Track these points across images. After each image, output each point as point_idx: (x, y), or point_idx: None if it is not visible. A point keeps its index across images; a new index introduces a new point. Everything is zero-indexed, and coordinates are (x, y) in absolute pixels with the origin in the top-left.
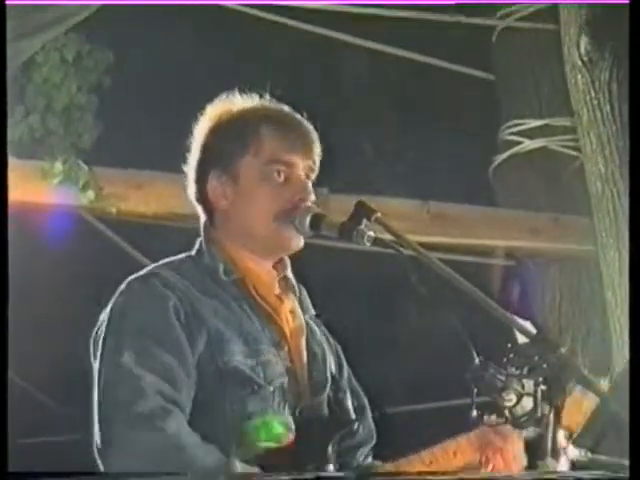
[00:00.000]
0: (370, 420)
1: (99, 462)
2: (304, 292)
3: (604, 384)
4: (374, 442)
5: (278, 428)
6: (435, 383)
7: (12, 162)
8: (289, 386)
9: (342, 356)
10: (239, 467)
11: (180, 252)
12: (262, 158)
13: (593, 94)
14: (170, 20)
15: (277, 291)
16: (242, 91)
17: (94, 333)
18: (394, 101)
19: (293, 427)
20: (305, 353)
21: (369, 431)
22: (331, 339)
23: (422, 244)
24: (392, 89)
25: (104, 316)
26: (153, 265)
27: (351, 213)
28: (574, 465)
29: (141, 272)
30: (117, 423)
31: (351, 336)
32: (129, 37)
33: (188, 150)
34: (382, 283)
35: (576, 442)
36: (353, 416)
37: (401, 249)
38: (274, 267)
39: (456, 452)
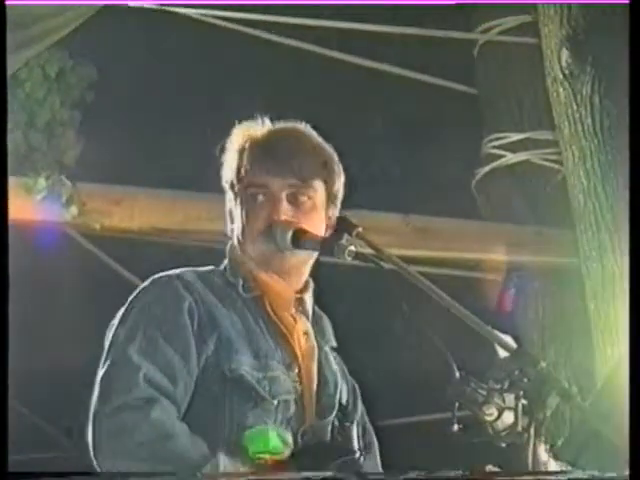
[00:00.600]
0: (377, 458)
1: (89, 444)
2: (327, 322)
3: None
4: None
5: (275, 440)
6: (417, 397)
7: None
8: (295, 406)
9: (358, 393)
10: (226, 462)
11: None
12: (244, 183)
13: (575, 107)
14: (154, 36)
15: (292, 311)
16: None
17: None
18: (376, 115)
19: (291, 442)
20: (315, 377)
21: (374, 468)
22: (349, 377)
23: (404, 258)
24: (374, 103)
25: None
26: (179, 269)
27: (332, 228)
28: None
29: (165, 273)
30: (107, 407)
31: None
32: (112, 53)
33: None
34: (364, 297)
35: (557, 456)
36: (356, 447)
37: (382, 263)
38: (294, 289)
39: None
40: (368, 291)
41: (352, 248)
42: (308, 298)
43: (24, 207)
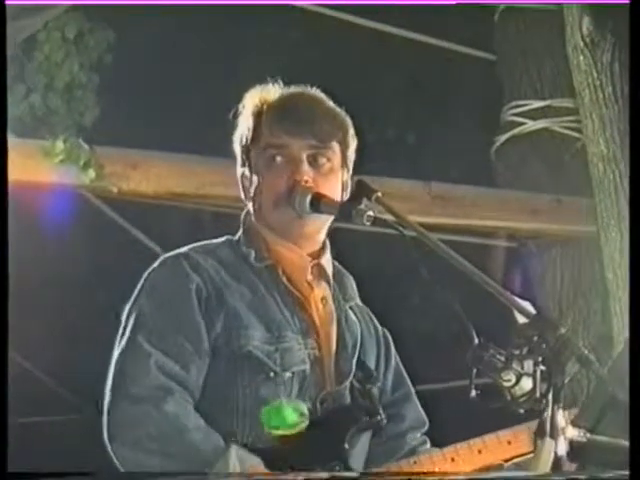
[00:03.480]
0: (418, 407)
1: (104, 431)
2: (350, 280)
3: (604, 364)
4: (426, 428)
5: (292, 415)
6: (435, 364)
7: (13, 141)
8: (312, 374)
9: (391, 343)
10: (239, 454)
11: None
12: (261, 145)
13: (595, 75)
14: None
15: (309, 277)
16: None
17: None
18: (395, 82)
19: (307, 414)
20: (334, 341)
21: (418, 417)
22: (380, 327)
23: (423, 225)
24: (393, 70)
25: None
26: (189, 246)
27: (351, 192)
28: (572, 445)
29: (175, 251)
30: (120, 396)
31: None
32: (130, 15)
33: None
34: (384, 263)
35: (574, 422)
36: (379, 407)
37: (401, 229)
38: (310, 254)
39: (481, 450)
40: (386, 256)
41: (371, 213)
42: (326, 262)
43: (42, 170)
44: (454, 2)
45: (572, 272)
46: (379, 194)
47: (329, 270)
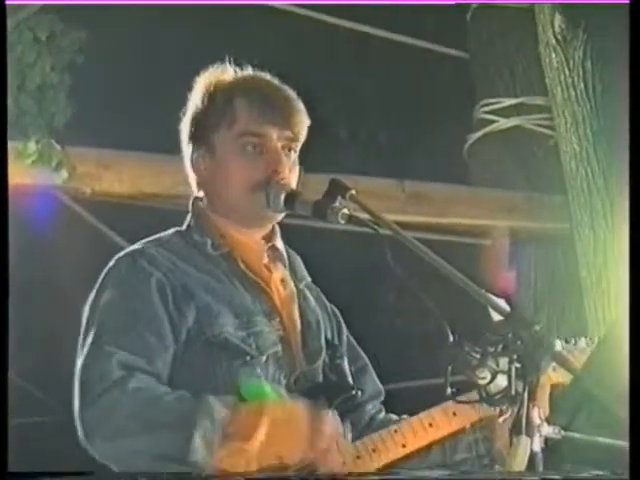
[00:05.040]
0: (374, 377)
1: (81, 437)
2: (298, 259)
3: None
4: (383, 397)
5: (272, 395)
6: (410, 361)
7: None
8: (283, 355)
9: (341, 319)
10: (216, 402)
11: (154, 231)
12: (235, 130)
13: (567, 73)
14: None
15: (265, 261)
16: (224, 62)
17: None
18: (369, 80)
19: (284, 394)
20: (299, 321)
21: (375, 387)
22: (328, 304)
23: (398, 223)
24: (367, 68)
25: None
26: (141, 242)
27: (325, 191)
28: (547, 443)
29: (128, 249)
30: (88, 400)
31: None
32: (102, 16)
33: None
34: (358, 262)
35: (549, 420)
36: (351, 381)
37: (376, 227)
38: (263, 237)
39: (456, 412)
40: (362, 255)
41: (345, 211)
42: (279, 243)
43: (14, 171)
44: (454, 2)
45: (546, 269)
46: (353, 192)
47: (283, 252)
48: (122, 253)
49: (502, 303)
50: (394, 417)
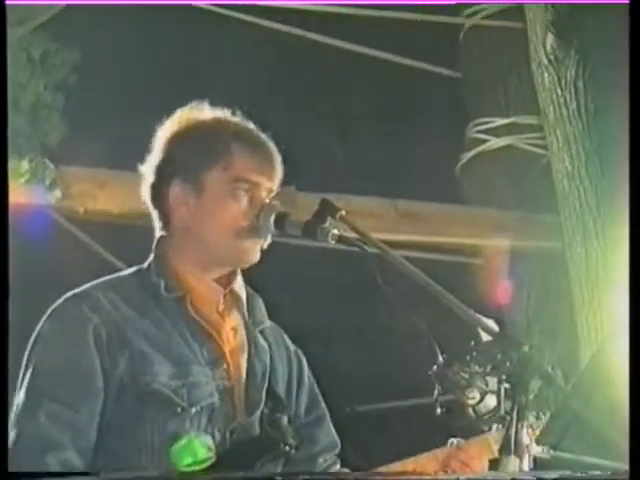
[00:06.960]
0: (331, 428)
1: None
2: (260, 302)
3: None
4: (338, 449)
5: (201, 450)
6: (400, 382)
7: None
8: (222, 406)
9: (304, 363)
10: None
11: (148, 251)
12: (231, 174)
13: (559, 92)
14: (139, 19)
15: (221, 307)
16: (212, 102)
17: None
18: (361, 99)
19: (213, 448)
20: (245, 372)
21: (330, 439)
22: (292, 346)
23: (391, 242)
24: (359, 87)
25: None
26: (92, 283)
27: (315, 211)
28: (536, 463)
29: (77, 290)
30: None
31: (317, 335)
32: (96, 36)
33: (149, 151)
34: (348, 282)
35: (539, 439)
36: (288, 436)
37: (365, 247)
38: (219, 281)
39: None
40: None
41: (335, 231)
42: (239, 287)
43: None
44: (453, 2)
45: (538, 288)
46: (343, 212)
47: (242, 295)
48: (70, 294)
49: (491, 323)
50: (345, 471)
